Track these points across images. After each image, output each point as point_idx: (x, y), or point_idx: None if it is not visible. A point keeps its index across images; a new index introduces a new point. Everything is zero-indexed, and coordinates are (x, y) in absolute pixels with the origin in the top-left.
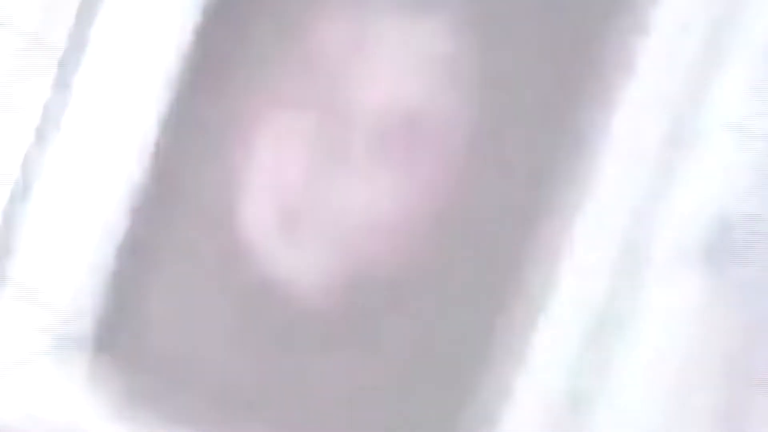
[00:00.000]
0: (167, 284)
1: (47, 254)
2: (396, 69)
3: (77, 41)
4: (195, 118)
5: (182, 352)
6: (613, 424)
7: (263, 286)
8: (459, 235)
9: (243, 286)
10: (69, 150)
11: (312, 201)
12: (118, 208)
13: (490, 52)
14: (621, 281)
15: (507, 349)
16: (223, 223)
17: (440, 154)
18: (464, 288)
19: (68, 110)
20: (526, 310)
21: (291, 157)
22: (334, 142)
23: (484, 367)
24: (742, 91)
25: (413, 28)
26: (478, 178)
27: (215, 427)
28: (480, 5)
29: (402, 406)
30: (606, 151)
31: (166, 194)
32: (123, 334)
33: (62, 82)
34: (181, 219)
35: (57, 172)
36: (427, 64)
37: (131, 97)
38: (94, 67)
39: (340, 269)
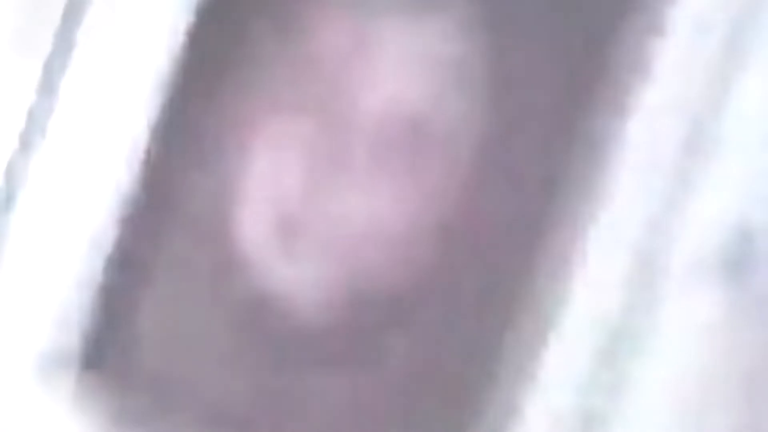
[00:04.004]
0: (158, 298)
1: (32, 267)
2: (399, 72)
3: (63, 43)
4: (187, 123)
5: (174, 370)
6: None
7: (259, 300)
8: (465, 247)
9: (238, 300)
10: (55, 157)
11: (311, 211)
12: (106, 218)
13: (498, 54)
14: (636, 295)
15: (516, 366)
16: (218, 235)
17: (446, 162)
18: (471, 302)
19: (54, 115)
20: (536, 325)
21: (289, 165)
22: (334, 148)
23: (491, 385)
24: (764, 95)
25: (418, 28)
26: (485, 187)
27: None
28: (488, 5)
29: (405, 426)
30: (620, 159)
31: (157, 204)
32: (112, 350)
33: (48, 86)
34: (173, 230)
35: (42, 181)
36: (433, 66)
37: (120, 102)
38: (81, 71)
39: (340, 283)
